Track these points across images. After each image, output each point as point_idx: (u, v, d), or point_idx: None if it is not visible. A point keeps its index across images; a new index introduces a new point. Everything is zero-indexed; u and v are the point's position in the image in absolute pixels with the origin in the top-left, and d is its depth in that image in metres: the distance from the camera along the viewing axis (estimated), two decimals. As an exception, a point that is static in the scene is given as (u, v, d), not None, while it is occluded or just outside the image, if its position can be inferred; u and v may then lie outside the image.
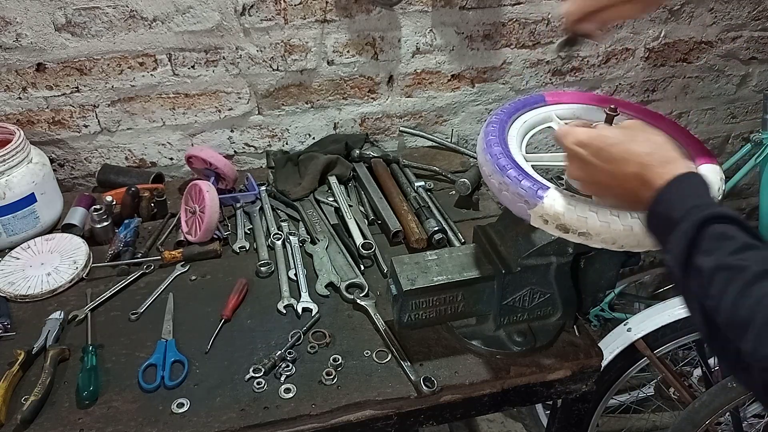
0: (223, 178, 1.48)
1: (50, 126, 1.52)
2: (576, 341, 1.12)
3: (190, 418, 0.98)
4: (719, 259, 0.58)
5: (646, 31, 1.79)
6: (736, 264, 0.57)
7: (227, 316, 1.16)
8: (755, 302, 0.54)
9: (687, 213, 0.63)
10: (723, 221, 0.61)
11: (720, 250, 0.59)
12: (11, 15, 1.35)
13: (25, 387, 1.02)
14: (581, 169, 0.79)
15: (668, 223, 0.65)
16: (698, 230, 0.61)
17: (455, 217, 1.44)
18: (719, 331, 0.57)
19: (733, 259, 0.58)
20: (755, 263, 0.56)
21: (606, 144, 0.75)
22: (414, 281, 1.00)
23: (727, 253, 0.58)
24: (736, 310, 0.55)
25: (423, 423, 1.06)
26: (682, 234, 0.62)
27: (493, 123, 1.00)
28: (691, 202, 0.64)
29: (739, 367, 0.56)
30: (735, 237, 0.59)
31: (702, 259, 0.60)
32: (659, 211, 0.67)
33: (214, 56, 1.51)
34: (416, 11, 1.57)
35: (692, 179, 0.67)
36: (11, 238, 1.33)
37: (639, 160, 0.71)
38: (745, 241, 0.59)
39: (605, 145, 0.75)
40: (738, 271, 0.57)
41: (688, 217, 0.62)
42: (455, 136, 1.80)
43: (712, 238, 0.60)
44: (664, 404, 1.79)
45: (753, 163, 1.79)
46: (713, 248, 0.59)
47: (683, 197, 0.65)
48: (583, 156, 0.78)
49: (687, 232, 0.61)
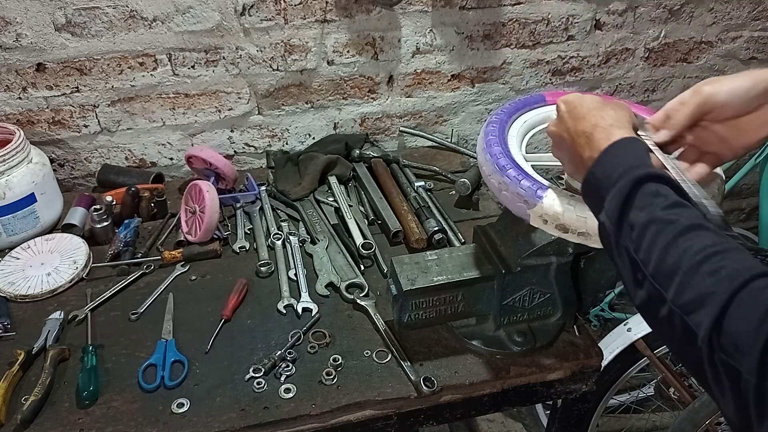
0: (223, 178, 1.48)
1: (50, 126, 1.52)
2: (576, 341, 1.12)
3: (190, 418, 0.98)
4: (651, 214, 0.60)
5: (646, 31, 1.79)
6: (666, 218, 0.59)
7: (227, 316, 1.16)
8: (682, 252, 0.56)
9: (624, 173, 0.65)
10: (656, 181, 0.63)
11: (652, 205, 0.61)
12: (11, 15, 1.35)
13: (25, 387, 1.02)
14: (555, 124, 0.82)
15: (606, 183, 0.67)
16: (633, 188, 0.63)
17: (455, 217, 1.44)
18: (646, 281, 0.59)
19: (663, 214, 0.60)
20: (684, 218, 0.59)
21: (580, 104, 0.78)
22: (414, 281, 1.00)
23: (659, 208, 0.60)
24: (664, 259, 0.57)
25: (423, 423, 1.06)
26: (618, 191, 0.64)
27: (493, 123, 1.00)
28: (628, 163, 0.66)
29: (662, 317, 0.57)
30: (667, 195, 0.62)
31: (635, 214, 0.62)
32: (598, 172, 0.69)
33: (214, 56, 1.51)
34: (416, 11, 1.57)
35: (630, 143, 0.69)
36: (11, 238, 1.33)
37: (593, 120, 0.74)
38: (675, 199, 0.61)
39: (579, 104, 0.78)
40: (668, 224, 0.59)
41: (625, 176, 0.64)
42: (455, 136, 1.80)
43: (646, 195, 0.62)
44: (664, 404, 1.79)
45: (753, 163, 1.79)
46: (646, 204, 0.62)
47: (621, 159, 0.67)
48: (561, 112, 0.81)
49: (623, 189, 0.63)
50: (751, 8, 1.82)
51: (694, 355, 0.53)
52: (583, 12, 1.69)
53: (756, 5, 1.82)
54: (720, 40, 1.86)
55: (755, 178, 1.96)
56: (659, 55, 1.84)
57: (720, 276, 0.53)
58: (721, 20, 1.82)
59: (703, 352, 0.52)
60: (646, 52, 1.83)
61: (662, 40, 1.81)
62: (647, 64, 1.85)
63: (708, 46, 1.86)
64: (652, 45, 1.81)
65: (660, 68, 1.87)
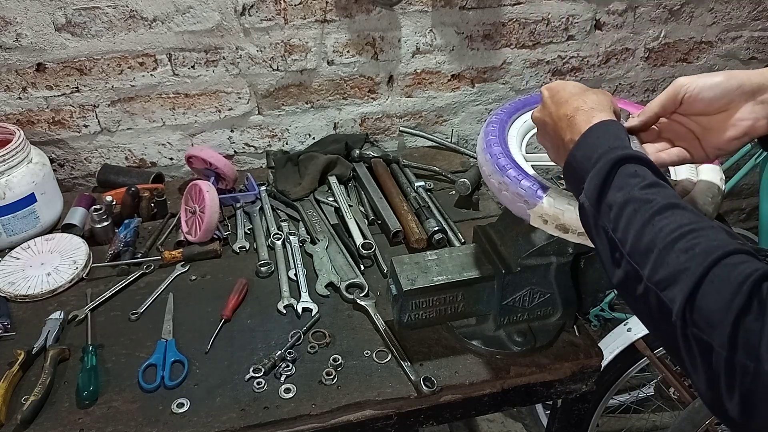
0: (223, 178, 1.48)
1: (50, 126, 1.52)
2: (576, 341, 1.12)
3: (190, 418, 0.98)
4: (628, 194, 0.61)
5: (646, 31, 1.79)
6: (643, 197, 0.60)
7: (227, 316, 1.16)
8: (657, 230, 0.57)
9: (603, 154, 0.66)
10: (635, 162, 0.64)
11: (630, 185, 0.62)
12: (11, 15, 1.35)
13: (25, 387, 1.02)
14: (539, 110, 0.83)
15: (585, 165, 0.68)
16: (611, 168, 0.64)
17: (455, 217, 1.44)
18: (623, 260, 0.60)
19: (641, 194, 0.61)
20: (661, 197, 0.60)
21: (562, 89, 0.79)
22: (414, 281, 1.00)
23: (637, 188, 0.61)
24: (640, 238, 0.58)
25: (423, 423, 1.06)
26: (597, 172, 0.65)
27: (493, 123, 1.00)
28: (607, 144, 0.67)
29: (638, 295, 0.58)
30: (644, 175, 0.63)
31: (613, 194, 0.63)
32: (578, 154, 0.70)
33: (214, 56, 1.51)
34: (416, 11, 1.57)
35: (609, 125, 0.70)
36: (11, 238, 1.33)
37: (575, 104, 0.75)
38: (653, 179, 0.62)
39: (561, 89, 0.79)
40: (644, 203, 0.60)
41: (604, 157, 0.65)
42: (455, 136, 1.80)
43: (624, 175, 0.63)
44: (664, 404, 1.79)
45: (753, 163, 1.79)
46: (624, 184, 0.63)
47: (601, 141, 0.68)
48: (544, 97, 0.81)
49: (601, 170, 0.64)
50: (751, 8, 1.82)
51: (668, 330, 0.54)
52: (583, 12, 1.69)
53: (756, 5, 1.82)
54: (720, 40, 1.86)
55: (755, 178, 1.96)
56: (659, 55, 1.84)
57: (694, 252, 0.54)
58: (721, 20, 1.82)
59: (677, 327, 0.53)
60: (646, 52, 1.83)
61: (662, 40, 1.81)
62: (647, 64, 1.85)
63: (708, 46, 1.86)
64: (652, 45, 1.81)
65: (660, 68, 1.87)
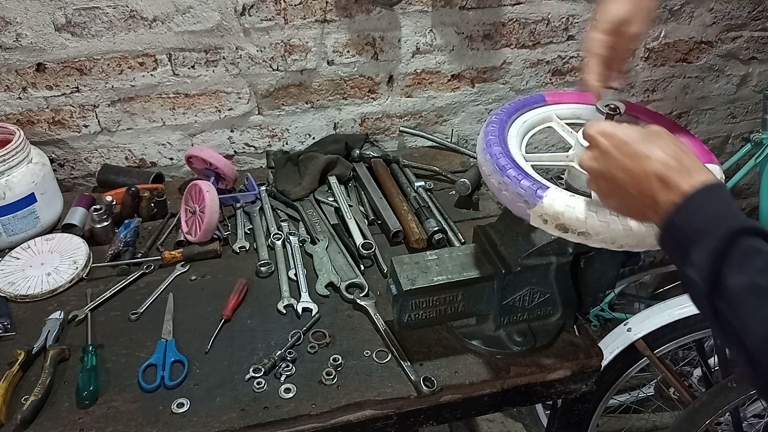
0: (223, 178, 1.48)
1: (50, 126, 1.52)
2: (576, 341, 1.12)
3: (190, 418, 0.98)
4: (750, 278, 0.56)
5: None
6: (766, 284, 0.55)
7: (227, 316, 1.16)
8: None
9: (715, 225, 0.60)
10: (754, 235, 0.59)
11: (749, 266, 0.57)
12: (11, 15, 1.35)
13: (25, 387, 1.02)
14: (598, 160, 0.75)
15: (693, 235, 0.62)
16: (727, 244, 0.58)
17: (455, 217, 1.44)
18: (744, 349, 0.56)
19: (763, 279, 0.56)
20: None
21: (631, 139, 0.71)
22: (414, 281, 1.00)
23: (757, 270, 0.56)
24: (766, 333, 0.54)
25: (423, 423, 1.06)
26: (710, 248, 0.59)
27: (493, 123, 1.00)
28: (718, 213, 0.61)
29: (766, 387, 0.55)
30: (765, 252, 0.57)
31: (731, 275, 0.57)
32: (681, 221, 0.64)
33: (214, 56, 1.51)
34: (416, 11, 1.57)
35: (718, 189, 0.64)
36: (11, 238, 1.33)
37: (663, 160, 0.67)
38: None
39: (630, 139, 0.71)
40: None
41: (717, 229, 0.59)
42: (455, 136, 1.80)
43: (742, 253, 0.58)
44: (664, 404, 1.79)
45: (753, 163, 1.79)
46: (742, 264, 0.57)
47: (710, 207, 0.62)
48: (604, 147, 0.74)
49: (715, 246, 0.59)
50: (751, 8, 1.82)
51: None
52: (583, 12, 1.69)
53: (756, 5, 1.82)
54: (720, 40, 1.86)
55: (755, 178, 1.96)
56: (659, 55, 1.84)
57: None
58: (721, 20, 1.82)
59: None
60: (646, 52, 1.83)
61: (662, 40, 1.81)
62: (647, 64, 1.85)
63: (708, 46, 1.86)
64: (652, 45, 1.81)
65: (660, 68, 1.87)
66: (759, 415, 1.63)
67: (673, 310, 1.47)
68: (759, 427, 1.61)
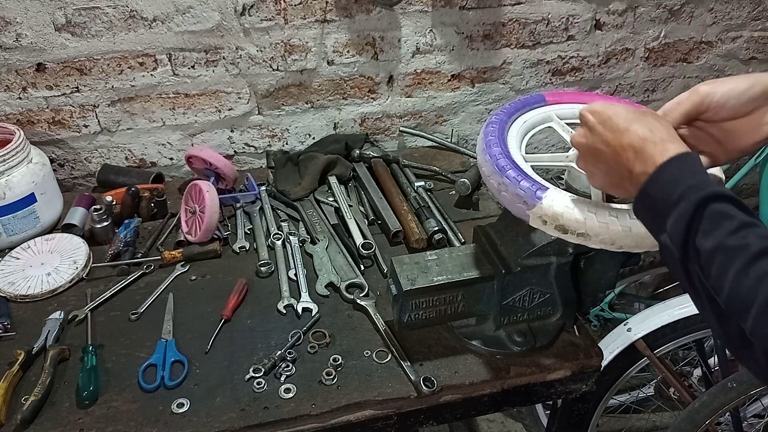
0: (223, 178, 1.48)
1: (50, 126, 1.52)
2: (576, 341, 1.12)
3: (190, 418, 0.98)
4: (718, 240, 0.59)
5: (646, 31, 1.79)
6: (735, 244, 0.58)
7: (227, 316, 1.16)
8: (756, 281, 0.55)
9: (685, 193, 0.63)
10: (721, 200, 0.61)
11: (718, 230, 0.59)
12: (11, 15, 1.35)
13: (25, 387, 1.02)
14: (585, 135, 0.78)
15: (664, 203, 0.64)
16: (696, 209, 0.61)
17: (455, 217, 1.44)
18: (720, 309, 0.58)
19: (732, 240, 0.58)
20: (754, 242, 0.57)
21: (614, 114, 0.74)
22: (414, 281, 1.00)
23: (727, 232, 0.59)
24: (738, 289, 0.56)
25: (423, 423, 1.06)
26: (681, 214, 0.62)
27: (493, 123, 1.00)
28: (688, 181, 0.64)
29: (742, 345, 0.57)
30: (733, 216, 0.60)
31: (701, 239, 0.60)
32: (654, 191, 0.67)
33: (214, 56, 1.51)
34: (416, 11, 1.57)
35: (688, 159, 0.66)
36: (11, 238, 1.33)
37: (639, 133, 0.70)
38: (743, 219, 0.59)
39: (613, 114, 0.74)
40: (738, 250, 0.57)
41: (687, 197, 0.62)
42: (455, 136, 1.80)
43: (711, 217, 0.60)
44: (664, 404, 1.79)
45: (753, 163, 1.79)
46: (712, 228, 0.60)
47: (680, 177, 0.65)
48: (591, 123, 0.77)
49: (686, 211, 0.61)
50: (751, 8, 1.82)
51: None
52: (583, 12, 1.69)
53: (756, 5, 1.82)
54: (720, 40, 1.86)
55: (755, 178, 1.96)
56: (659, 55, 1.84)
57: None
58: (721, 20, 1.82)
59: None
60: (646, 52, 1.83)
61: (662, 40, 1.81)
62: (647, 64, 1.85)
63: (708, 46, 1.86)
64: (652, 45, 1.81)
65: (660, 68, 1.87)
66: (759, 415, 1.63)
67: (673, 310, 1.47)
68: (759, 427, 1.61)
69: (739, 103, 0.73)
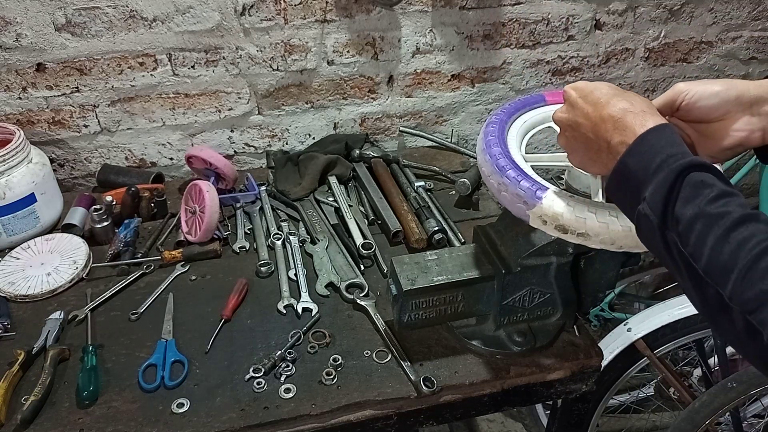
0: (223, 178, 1.48)
1: (50, 126, 1.52)
2: (576, 341, 1.12)
3: (190, 418, 0.98)
4: (698, 207, 0.59)
5: (646, 31, 1.79)
6: (715, 211, 0.58)
7: (227, 316, 1.16)
8: (736, 247, 0.55)
9: (664, 161, 0.63)
10: (701, 169, 0.61)
11: (698, 197, 0.59)
12: (11, 15, 1.35)
13: (25, 387, 1.02)
14: (566, 111, 0.79)
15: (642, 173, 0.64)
16: (677, 177, 0.61)
17: (455, 217, 1.44)
18: (699, 277, 0.58)
19: (712, 207, 0.58)
20: (733, 210, 0.57)
21: (595, 88, 0.75)
22: (414, 281, 1.00)
23: (706, 200, 0.59)
24: (718, 255, 0.56)
25: (423, 423, 1.06)
26: (661, 182, 0.62)
27: (492, 123, 1.00)
28: (667, 150, 0.64)
29: (719, 311, 0.57)
30: (713, 185, 0.60)
31: (681, 206, 0.60)
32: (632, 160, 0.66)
33: (214, 56, 1.51)
34: (416, 11, 1.57)
35: (666, 130, 0.66)
36: (11, 238, 1.33)
37: (619, 105, 0.71)
38: (722, 188, 0.60)
39: (594, 88, 0.75)
40: (717, 218, 0.57)
41: (667, 166, 0.62)
42: (455, 136, 1.80)
43: (691, 185, 0.60)
44: (664, 404, 1.79)
45: (753, 163, 1.79)
46: (692, 196, 0.60)
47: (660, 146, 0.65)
48: (572, 98, 0.77)
49: (666, 179, 0.61)
50: (751, 8, 1.82)
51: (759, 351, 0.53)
52: (583, 12, 1.69)
53: (756, 5, 1.82)
54: (720, 40, 1.86)
55: (755, 178, 1.96)
56: (659, 55, 1.84)
57: None
58: (721, 20, 1.82)
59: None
60: (646, 52, 1.83)
61: (662, 40, 1.81)
62: (647, 64, 1.85)
63: (708, 46, 1.86)
64: (652, 45, 1.81)
65: (660, 68, 1.87)
66: (759, 415, 1.63)
67: (673, 310, 1.47)
68: (759, 427, 1.61)
69: (710, 105, 0.73)
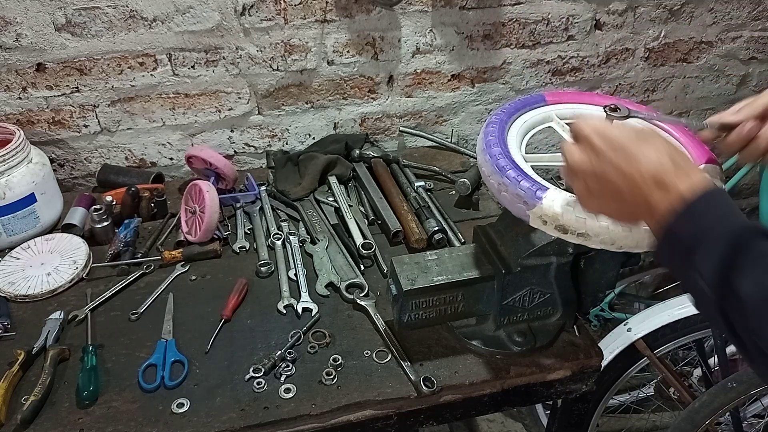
0: (223, 178, 1.48)
1: (50, 126, 1.52)
2: (576, 341, 1.12)
3: (190, 418, 0.98)
4: (759, 283, 0.55)
5: (646, 31, 1.79)
6: None
7: (227, 316, 1.16)
8: None
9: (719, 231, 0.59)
10: (758, 237, 0.57)
11: (758, 270, 0.55)
12: (11, 15, 1.35)
13: (25, 387, 1.02)
14: (587, 156, 0.71)
15: (694, 242, 0.60)
16: (734, 249, 0.57)
17: (455, 217, 1.44)
18: (761, 354, 0.55)
19: None
20: None
21: (624, 136, 0.68)
22: (414, 281, 1.00)
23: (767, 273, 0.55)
24: None
25: (423, 423, 1.06)
26: (717, 254, 0.58)
27: (492, 123, 1.00)
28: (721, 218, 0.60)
29: None
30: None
31: (741, 282, 0.56)
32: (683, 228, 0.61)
33: (214, 56, 1.51)
34: (416, 11, 1.57)
35: (718, 194, 0.62)
36: (11, 238, 1.33)
37: (657, 160, 0.65)
38: None
39: (624, 137, 0.68)
40: None
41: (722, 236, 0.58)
42: (455, 136, 1.80)
43: (750, 257, 0.56)
44: (664, 404, 1.79)
45: (753, 162, 1.79)
46: (752, 269, 0.56)
47: (712, 214, 0.60)
48: (597, 145, 0.70)
49: (722, 251, 0.57)
50: (751, 8, 1.82)
51: None
52: (583, 12, 1.69)
53: (756, 5, 1.82)
54: (720, 40, 1.86)
55: (755, 178, 1.96)
56: (659, 55, 1.84)
57: None
58: (721, 20, 1.82)
59: None
60: (646, 52, 1.83)
61: (662, 40, 1.81)
62: (647, 64, 1.85)
63: (708, 46, 1.86)
64: (652, 45, 1.81)
65: (660, 68, 1.87)
66: (759, 415, 1.63)
67: (673, 310, 1.47)
68: (759, 427, 1.61)
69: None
